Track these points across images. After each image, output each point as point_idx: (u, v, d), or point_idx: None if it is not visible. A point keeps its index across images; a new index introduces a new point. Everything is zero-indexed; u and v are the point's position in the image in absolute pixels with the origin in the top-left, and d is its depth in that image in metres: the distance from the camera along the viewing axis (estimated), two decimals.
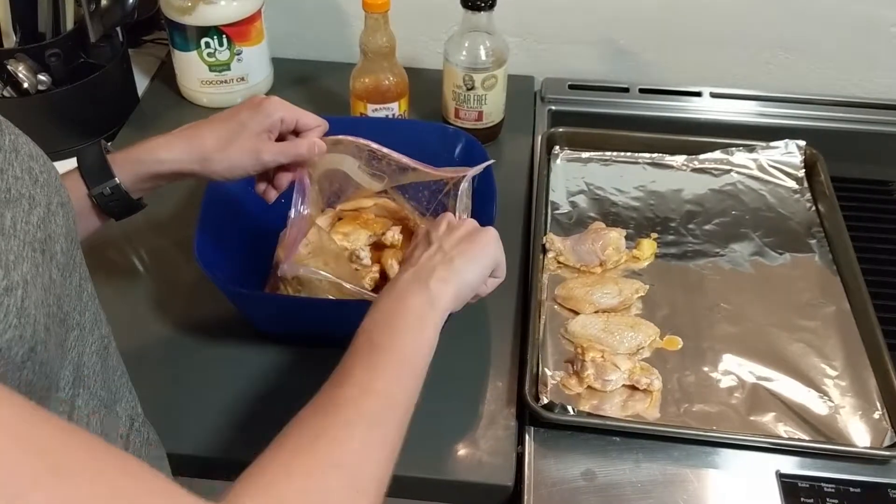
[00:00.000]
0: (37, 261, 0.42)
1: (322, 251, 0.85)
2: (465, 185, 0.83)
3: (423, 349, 0.59)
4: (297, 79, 1.26)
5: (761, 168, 1.08)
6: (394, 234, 0.91)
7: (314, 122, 0.77)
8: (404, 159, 0.83)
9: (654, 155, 1.10)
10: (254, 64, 1.18)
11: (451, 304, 0.63)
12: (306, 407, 0.52)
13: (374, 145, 0.82)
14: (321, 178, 0.87)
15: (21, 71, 1.03)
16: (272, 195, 0.80)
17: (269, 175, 0.79)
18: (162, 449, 0.67)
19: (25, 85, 1.03)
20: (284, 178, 0.79)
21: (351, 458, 0.48)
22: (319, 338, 0.86)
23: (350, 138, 0.82)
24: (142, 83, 1.24)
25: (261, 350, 0.86)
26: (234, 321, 0.87)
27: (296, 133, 0.78)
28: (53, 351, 0.44)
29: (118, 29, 1.13)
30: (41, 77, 1.04)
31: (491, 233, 0.69)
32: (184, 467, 0.75)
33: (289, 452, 0.47)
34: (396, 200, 0.91)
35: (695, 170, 1.09)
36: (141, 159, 0.73)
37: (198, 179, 0.76)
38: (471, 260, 0.65)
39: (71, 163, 1.06)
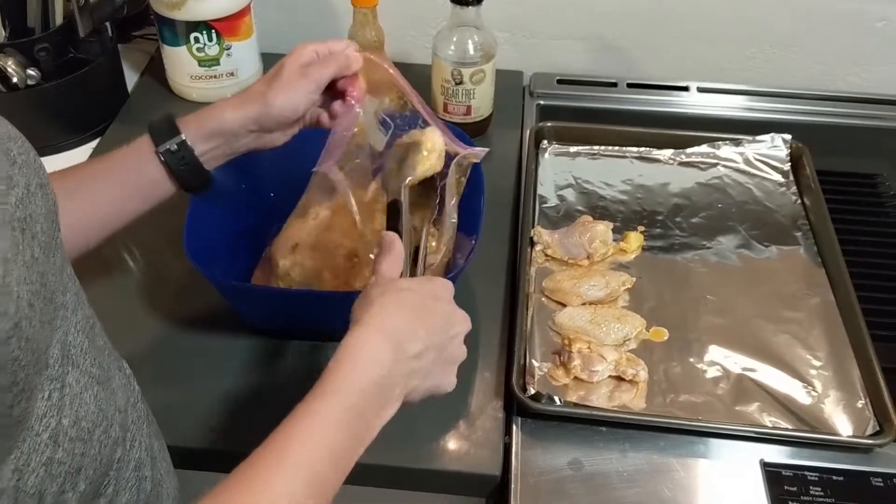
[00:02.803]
0: (16, 239, 0.43)
1: (318, 246, 0.85)
2: (453, 167, 0.83)
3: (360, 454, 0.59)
4: None
5: (748, 161, 1.09)
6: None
7: (343, 44, 0.80)
8: (422, 109, 0.83)
9: (642, 149, 1.11)
10: (243, 59, 1.18)
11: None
12: (242, 469, 0.53)
13: (402, 81, 0.82)
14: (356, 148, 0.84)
15: (10, 66, 1.03)
16: (337, 109, 0.81)
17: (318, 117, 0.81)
18: (157, 426, 0.68)
19: (14, 80, 1.03)
20: (337, 104, 0.80)
21: None
22: (310, 331, 0.86)
23: (387, 66, 0.82)
24: (131, 78, 1.24)
25: (251, 343, 0.87)
26: (224, 315, 0.87)
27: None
28: (39, 328, 0.44)
29: (108, 24, 1.13)
30: (30, 72, 1.04)
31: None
32: (175, 460, 0.76)
33: None
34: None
35: (682, 164, 1.10)
36: (205, 117, 0.76)
37: (258, 146, 0.78)
38: (443, 377, 0.66)
39: (60, 158, 1.09)
